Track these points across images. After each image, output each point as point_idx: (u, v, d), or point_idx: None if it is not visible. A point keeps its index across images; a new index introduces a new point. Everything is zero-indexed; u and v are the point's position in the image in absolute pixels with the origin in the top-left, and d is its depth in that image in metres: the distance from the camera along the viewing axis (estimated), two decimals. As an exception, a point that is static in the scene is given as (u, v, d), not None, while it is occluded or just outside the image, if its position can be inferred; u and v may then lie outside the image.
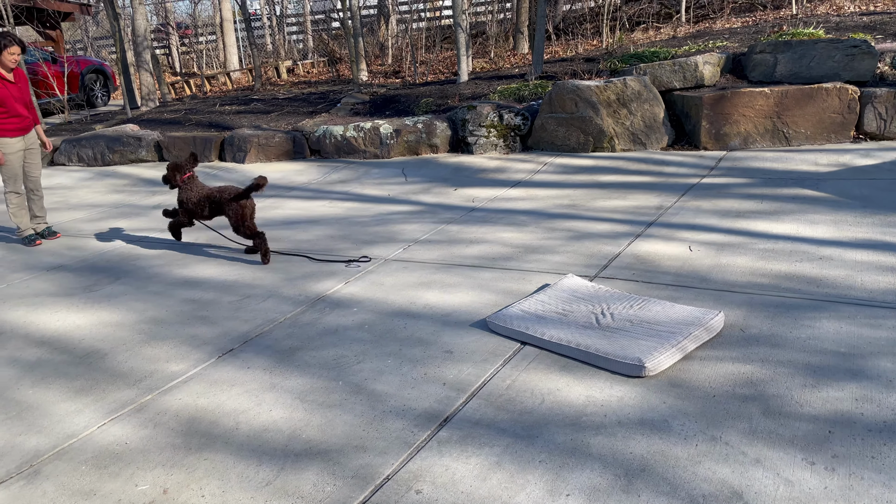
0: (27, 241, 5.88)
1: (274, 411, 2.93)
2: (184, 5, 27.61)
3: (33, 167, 5.92)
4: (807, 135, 6.93)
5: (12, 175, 5.69)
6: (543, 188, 6.52)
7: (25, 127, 5.70)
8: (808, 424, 2.50)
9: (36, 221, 6.05)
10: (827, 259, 4.03)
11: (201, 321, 3.99)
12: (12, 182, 5.71)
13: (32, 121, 5.81)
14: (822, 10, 10.62)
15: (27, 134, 5.76)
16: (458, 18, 10.27)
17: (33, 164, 5.91)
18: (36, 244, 5.86)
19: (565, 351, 3.16)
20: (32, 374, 3.48)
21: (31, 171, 5.91)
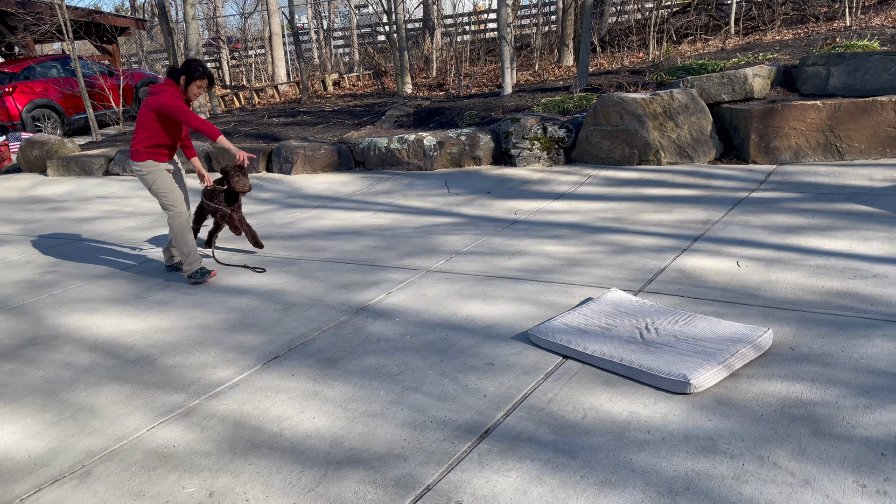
0: (199, 274, 5.00)
1: (317, 419, 2.97)
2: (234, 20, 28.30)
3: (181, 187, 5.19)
4: (860, 149, 6.75)
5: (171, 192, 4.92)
6: (587, 201, 6.48)
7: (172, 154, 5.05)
8: (859, 446, 2.43)
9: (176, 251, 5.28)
10: (881, 276, 3.92)
11: (247, 328, 4.06)
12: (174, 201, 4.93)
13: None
14: (876, 22, 10.35)
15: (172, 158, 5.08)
16: (502, 31, 10.31)
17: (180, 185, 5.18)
18: (211, 276, 5.06)
19: (608, 366, 3.13)
20: (86, 378, 3.59)
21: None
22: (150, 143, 4.77)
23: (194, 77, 4.71)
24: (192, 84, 4.72)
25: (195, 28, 13.63)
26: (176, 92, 4.70)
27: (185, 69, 4.72)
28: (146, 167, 4.84)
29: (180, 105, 4.61)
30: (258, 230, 6.54)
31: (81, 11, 15.87)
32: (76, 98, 14.38)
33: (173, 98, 4.63)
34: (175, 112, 4.60)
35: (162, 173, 4.87)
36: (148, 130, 4.75)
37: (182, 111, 4.61)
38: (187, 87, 4.74)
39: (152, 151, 4.82)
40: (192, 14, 13.44)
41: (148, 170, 4.85)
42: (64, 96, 14.55)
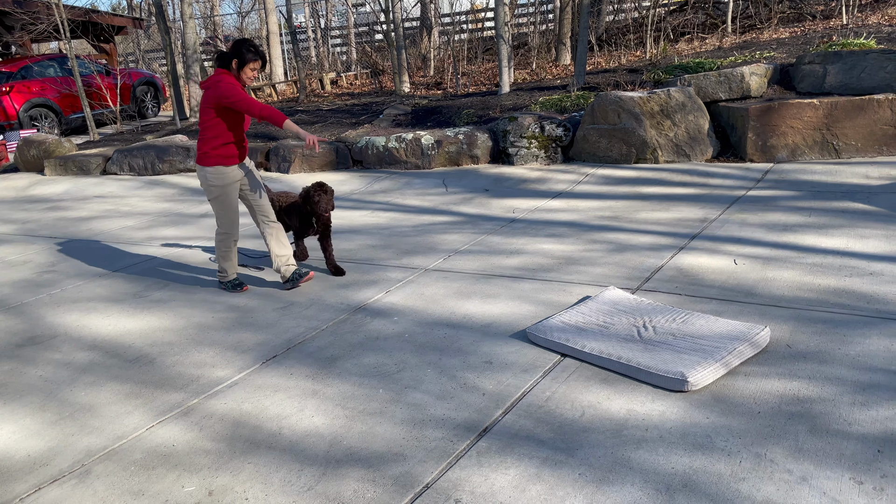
0: (230, 286, 4.74)
1: (316, 418, 2.98)
2: (232, 18, 28.27)
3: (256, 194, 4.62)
4: (857, 147, 6.77)
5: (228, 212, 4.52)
6: (585, 199, 6.49)
7: (244, 154, 4.53)
8: (856, 443, 2.44)
9: (282, 260, 4.65)
10: (878, 274, 3.93)
11: (246, 328, 4.07)
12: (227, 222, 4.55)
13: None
14: (873, 21, 10.37)
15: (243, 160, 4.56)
16: (500, 30, 10.31)
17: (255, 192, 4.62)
18: (243, 290, 4.73)
19: (606, 364, 3.15)
20: (85, 377, 3.59)
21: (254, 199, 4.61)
22: (216, 144, 4.32)
23: (247, 59, 4.24)
24: (245, 67, 4.26)
25: (192, 27, 13.61)
26: (230, 79, 4.22)
27: (235, 52, 4.25)
28: (214, 174, 4.37)
29: (239, 93, 4.16)
30: (254, 229, 6.54)
31: (78, 11, 15.85)
32: (73, 97, 14.36)
33: (230, 86, 4.16)
34: (235, 101, 4.13)
35: (228, 189, 4.43)
36: (211, 130, 4.31)
37: (243, 99, 4.14)
38: (240, 72, 4.27)
39: (220, 153, 4.34)
40: (190, 13, 13.43)
41: (215, 179, 4.37)
42: (61, 95, 14.53)
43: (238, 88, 4.18)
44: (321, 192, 4.65)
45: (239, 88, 4.19)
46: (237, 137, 4.40)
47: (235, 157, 4.43)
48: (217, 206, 4.49)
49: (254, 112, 4.11)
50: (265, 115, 4.09)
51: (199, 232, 6.63)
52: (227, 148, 4.37)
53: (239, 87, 4.20)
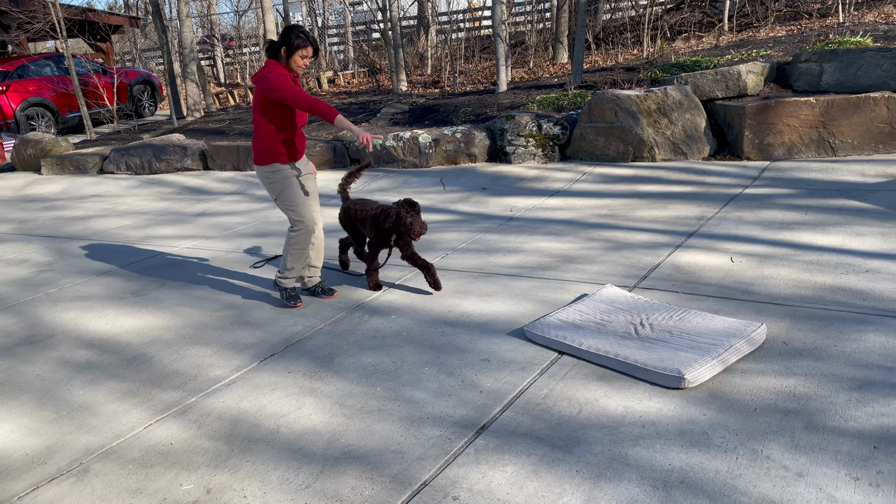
0: (286, 296, 4.32)
1: (314, 416, 2.98)
2: (229, 17, 28.24)
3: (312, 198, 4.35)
4: (853, 145, 6.78)
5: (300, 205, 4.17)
6: (582, 198, 6.49)
7: (301, 150, 4.24)
8: (852, 440, 2.45)
9: (310, 272, 4.47)
10: (874, 272, 3.94)
11: (244, 326, 4.07)
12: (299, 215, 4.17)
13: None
14: (869, 19, 10.39)
15: (301, 158, 4.28)
16: (497, 29, 10.32)
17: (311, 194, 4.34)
18: (297, 305, 4.31)
19: (603, 361, 3.15)
20: (82, 376, 3.59)
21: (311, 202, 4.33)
22: (270, 142, 4.06)
23: (296, 46, 3.93)
24: (294, 55, 3.95)
25: (189, 26, 13.59)
26: (280, 70, 3.93)
27: (284, 40, 3.96)
28: (270, 172, 4.11)
29: (288, 85, 3.86)
30: (252, 228, 6.54)
31: (75, 10, 15.82)
32: (70, 96, 14.34)
33: (278, 78, 3.87)
34: (284, 94, 3.84)
35: (290, 181, 4.13)
36: (264, 127, 4.05)
37: (291, 93, 3.83)
38: (289, 60, 3.97)
39: (275, 151, 4.08)
40: (186, 12, 13.41)
41: (274, 176, 4.11)
42: (58, 95, 14.51)
43: (287, 80, 3.89)
44: (413, 212, 4.15)
45: (288, 80, 3.90)
46: (291, 134, 4.11)
47: (294, 155, 4.15)
48: (285, 200, 4.14)
49: (303, 105, 3.81)
50: (315, 109, 3.78)
51: (197, 231, 6.63)
52: (281, 146, 4.08)
53: (288, 79, 3.91)
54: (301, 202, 4.16)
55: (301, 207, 4.16)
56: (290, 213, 4.17)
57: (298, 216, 4.15)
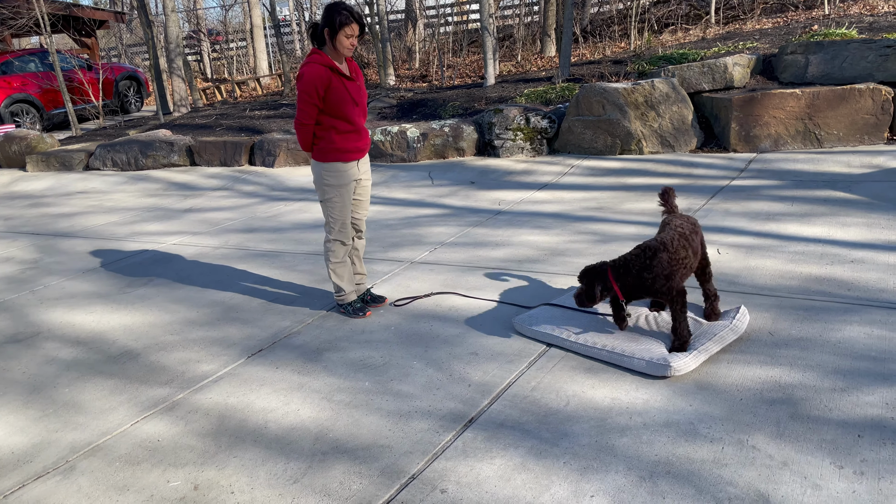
0: (351, 310, 3.99)
1: (302, 411, 2.98)
2: (215, 12, 28.07)
3: (362, 205, 4.01)
4: (839, 136, 6.82)
5: (341, 217, 3.82)
6: (570, 191, 6.50)
7: (364, 147, 3.82)
8: (836, 429, 2.47)
9: (357, 279, 4.14)
10: (859, 262, 3.97)
11: (232, 322, 4.06)
12: (339, 226, 3.85)
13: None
14: (854, 11, 10.44)
15: (363, 157, 3.88)
16: (485, 22, 10.30)
17: (363, 201, 4.00)
18: (366, 315, 3.98)
19: (591, 352, 3.16)
20: (69, 373, 3.57)
21: (358, 209, 4.00)
22: (322, 138, 3.69)
23: (340, 25, 3.51)
24: (338, 35, 3.53)
25: (175, 20, 13.49)
26: (314, 70, 3.52)
27: (327, 20, 3.53)
28: (329, 171, 3.73)
29: (303, 95, 3.54)
30: (240, 223, 6.52)
31: (59, 5, 15.66)
32: (55, 93, 14.20)
33: (305, 83, 3.52)
34: (298, 96, 3.58)
35: (343, 189, 3.76)
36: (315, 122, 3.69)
37: (299, 104, 3.58)
38: (334, 42, 3.56)
39: (332, 149, 3.69)
40: (172, 6, 13.31)
41: (329, 177, 3.73)
42: (42, 91, 14.37)
43: (311, 88, 3.52)
44: None
45: (312, 89, 3.52)
46: (346, 126, 3.69)
47: (353, 152, 3.75)
48: (330, 207, 3.80)
49: (296, 120, 3.64)
50: (297, 127, 3.65)
51: (184, 227, 6.60)
52: (335, 140, 3.69)
53: (315, 87, 3.52)
54: (345, 212, 3.82)
55: (341, 219, 3.82)
56: (327, 223, 3.87)
57: (335, 231, 3.84)
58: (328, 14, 3.55)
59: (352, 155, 3.74)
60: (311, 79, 3.52)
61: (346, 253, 3.92)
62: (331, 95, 3.58)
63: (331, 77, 3.56)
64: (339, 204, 3.79)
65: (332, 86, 3.57)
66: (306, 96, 3.55)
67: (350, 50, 3.62)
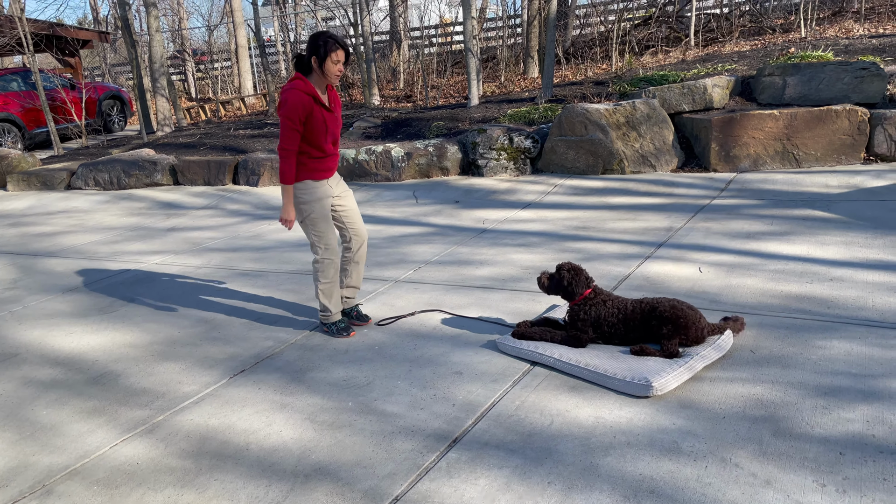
0: (335, 330, 3.98)
1: (284, 432, 2.95)
2: (200, 32, 28.08)
3: (351, 215, 4.04)
4: (817, 156, 6.93)
5: (324, 233, 3.86)
6: (554, 210, 6.54)
7: (332, 167, 3.90)
8: (819, 446, 2.49)
9: (349, 292, 4.15)
10: (838, 280, 4.02)
11: (214, 342, 4.02)
12: (324, 244, 3.87)
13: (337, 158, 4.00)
14: (830, 34, 10.65)
15: (333, 175, 3.93)
16: (468, 44, 10.39)
17: (349, 210, 4.03)
18: (350, 335, 3.96)
19: (575, 371, 3.17)
20: (47, 395, 3.52)
21: (349, 219, 4.03)
22: (300, 160, 3.75)
23: (326, 51, 3.58)
24: (326, 61, 3.60)
25: (159, 40, 13.49)
26: (295, 97, 3.59)
27: (313, 48, 3.60)
28: (301, 190, 3.78)
29: (287, 120, 3.60)
30: (223, 243, 6.48)
31: (42, 24, 15.61)
32: (37, 112, 14.12)
33: (289, 108, 3.59)
34: (281, 122, 3.65)
35: (317, 205, 3.81)
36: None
37: (283, 131, 3.63)
38: (323, 69, 3.62)
39: (302, 169, 3.76)
40: (157, 26, 13.31)
41: (302, 194, 3.78)
42: (25, 110, 14.28)
43: (295, 115, 3.58)
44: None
45: (296, 116, 3.59)
46: (318, 152, 3.78)
47: (324, 171, 3.83)
48: (309, 225, 3.85)
49: (279, 147, 3.67)
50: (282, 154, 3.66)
51: (167, 246, 6.55)
52: (309, 161, 3.76)
53: (298, 114, 3.59)
54: (327, 230, 3.86)
55: (326, 234, 3.86)
56: (312, 238, 3.87)
57: (322, 243, 3.86)
58: (314, 42, 3.62)
59: (320, 174, 3.82)
60: (295, 105, 3.58)
61: (336, 273, 3.93)
62: (309, 124, 3.66)
63: (312, 106, 3.65)
64: (318, 220, 3.83)
65: (313, 115, 3.66)
66: (290, 122, 3.60)
67: (337, 77, 3.69)
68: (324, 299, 3.94)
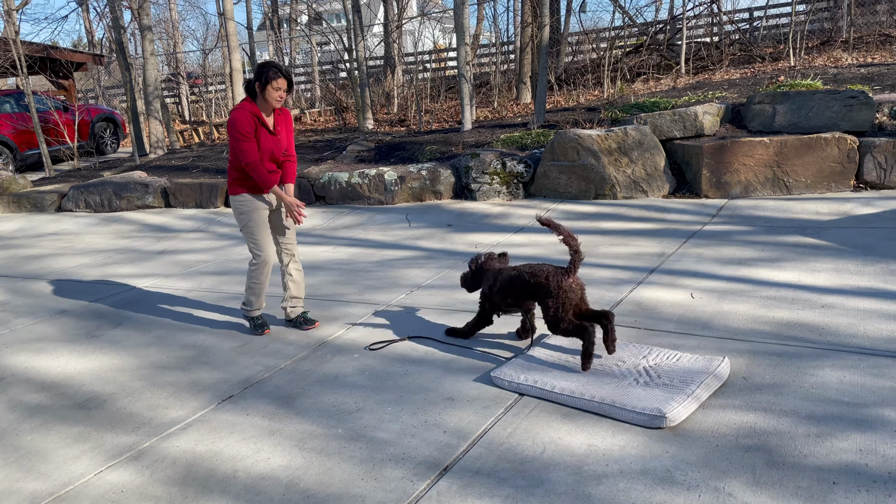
0: (254, 325, 4.49)
1: (272, 459, 2.91)
2: (195, 55, 28.22)
3: (283, 231, 4.47)
4: (807, 183, 6.98)
5: (261, 240, 4.32)
6: (546, 234, 6.55)
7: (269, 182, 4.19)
8: (812, 475, 2.47)
9: (293, 303, 4.52)
10: (829, 307, 4.03)
11: (203, 366, 3.98)
12: (260, 250, 4.32)
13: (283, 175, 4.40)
14: (819, 62, 10.80)
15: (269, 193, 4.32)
16: (462, 69, 10.48)
17: (281, 226, 4.45)
18: (265, 332, 4.46)
19: (579, 404, 3.09)
20: (32, 420, 3.46)
21: (281, 236, 4.47)
22: (239, 174, 4.20)
23: (269, 78, 4.01)
24: (268, 87, 4.03)
25: (154, 64, 13.55)
26: (244, 116, 4.02)
27: (258, 75, 4.05)
28: (240, 201, 4.25)
29: (240, 137, 4.01)
30: (214, 266, 6.45)
31: (37, 47, 15.67)
32: (30, 133, 14.11)
33: (239, 123, 4.00)
34: (234, 143, 4.05)
35: (255, 214, 4.25)
36: (234, 161, 4.18)
37: (240, 146, 4.02)
38: (265, 94, 4.05)
39: (242, 182, 4.21)
40: (151, 50, 13.37)
41: (241, 205, 4.24)
42: (17, 132, 14.27)
43: (245, 129, 4.02)
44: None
45: (247, 129, 4.02)
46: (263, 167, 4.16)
47: (259, 187, 4.24)
48: (247, 231, 4.31)
49: (241, 161, 4.06)
50: (251, 171, 4.08)
51: (157, 269, 6.51)
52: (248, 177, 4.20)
53: (247, 128, 4.02)
54: (263, 234, 4.31)
55: (263, 241, 4.32)
56: (250, 244, 4.35)
57: (258, 248, 4.33)
58: (259, 70, 4.07)
59: (258, 189, 4.25)
60: (243, 121, 4.03)
61: (266, 275, 4.38)
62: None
63: (257, 125, 4.09)
64: (255, 229, 4.28)
65: (257, 133, 4.10)
66: (240, 135, 4.03)
67: (279, 102, 4.13)
68: (250, 295, 4.42)
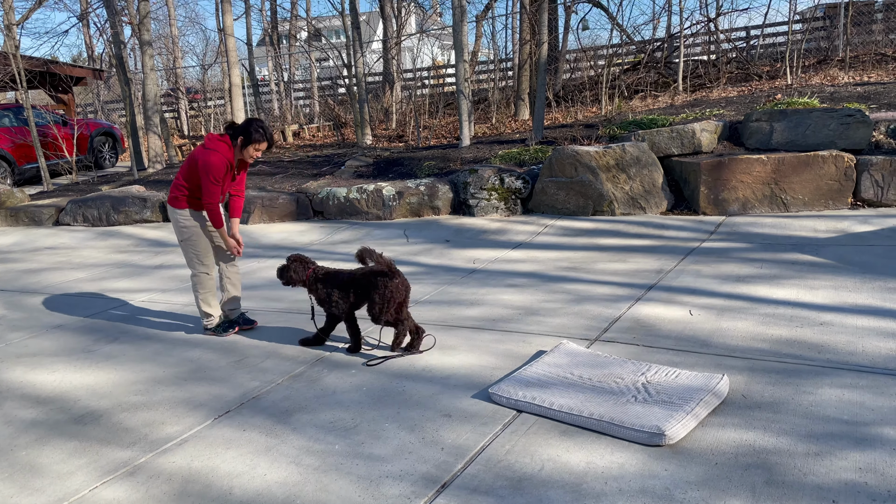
0: (221, 330, 4.76)
1: (269, 475, 2.88)
2: (194, 71, 28.35)
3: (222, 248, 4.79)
4: (804, 201, 7.01)
5: (202, 250, 4.65)
6: (544, 250, 6.55)
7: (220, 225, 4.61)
8: (811, 494, 2.45)
9: (232, 304, 4.83)
10: (828, 325, 4.02)
11: (200, 382, 3.96)
12: (199, 259, 4.65)
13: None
14: (816, 81, 10.88)
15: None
16: (460, 86, 10.53)
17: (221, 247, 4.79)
18: (232, 333, 4.77)
19: (578, 422, 3.08)
20: (27, 435, 3.44)
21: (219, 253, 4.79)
22: (189, 193, 4.53)
23: (253, 139, 4.39)
24: (249, 146, 4.42)
25: (153, 79, 13.60)
26: (218, 159, 4.35)
27: (243, 129, 4.40)
28: (183, 215, 4.57)
29: (211, 180, 4.34)
30: (213, 281, 6.42)
31: (36, 61, 15.72)
32: (28, 147, 14.12)
33: (212, 167, 4.32)
34: (203, 183, 4.38)
35: (197, 228, 4.60)
36: (192, 181, 4.49)
37: (208, 188, 4.36)
38: (244, 149, 4.44)
39: (190, 201, 4.56)
40: (151, 65, 13.43)
41: (184, 219, 4.57)
42: (15, 146, 14.28)
43: (219, 175, 4.37)
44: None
45: (220, 175, 4.37)
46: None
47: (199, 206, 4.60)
48: (188, 247, 4.62)
49: (204, 202, 4.45)
50: (208, 211, 4.49)
51: (154, 284, 6.50)
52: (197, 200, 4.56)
53: (220, 174, 4.38)
54: (205, 248, 4.65)
55: (199, 254, 4.64)
56: (189, 261, 4.67)
57: (201, 259, 4.64)
58: (246, 127, 4.41)
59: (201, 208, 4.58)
60: (219, 168, 4.37)
61: (213, 283, 4.68)
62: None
63: (227, 171, 4.45)
64: (196, 240, 4.60)
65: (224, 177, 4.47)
66: (213, 180, 4.36)
67: (253, 159, 4.54)
68: (205, 307, 4.69)
